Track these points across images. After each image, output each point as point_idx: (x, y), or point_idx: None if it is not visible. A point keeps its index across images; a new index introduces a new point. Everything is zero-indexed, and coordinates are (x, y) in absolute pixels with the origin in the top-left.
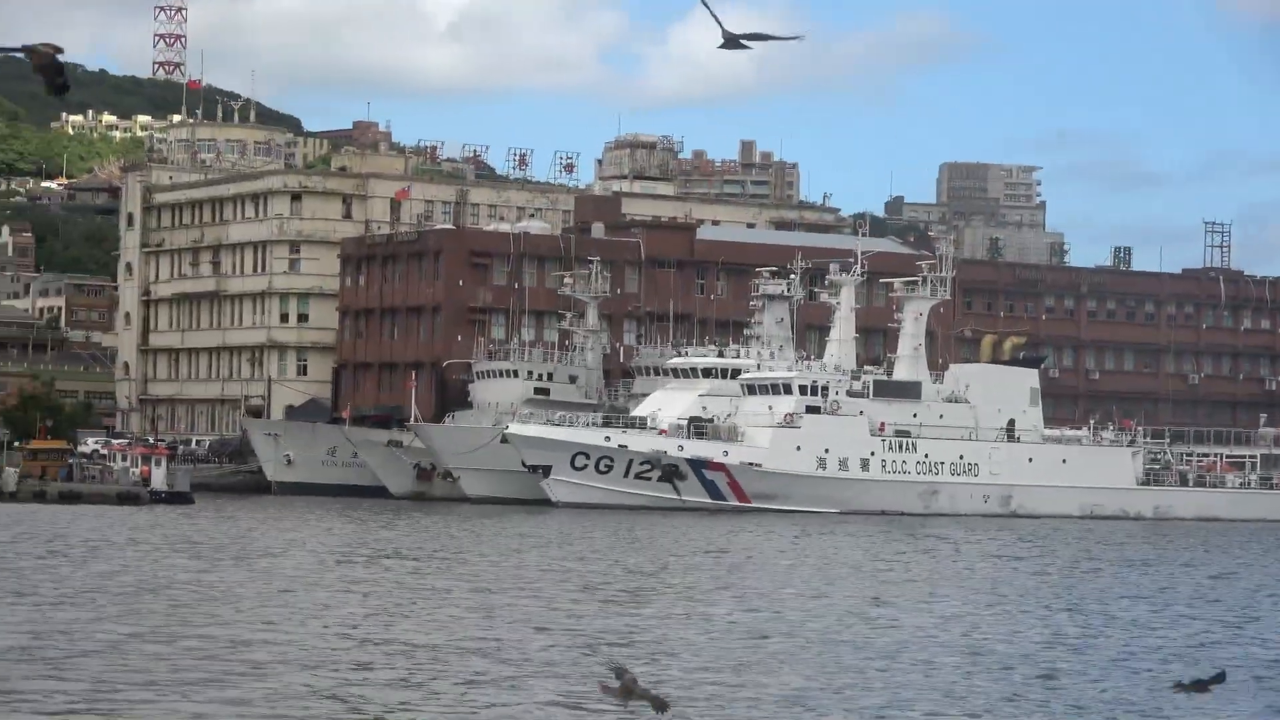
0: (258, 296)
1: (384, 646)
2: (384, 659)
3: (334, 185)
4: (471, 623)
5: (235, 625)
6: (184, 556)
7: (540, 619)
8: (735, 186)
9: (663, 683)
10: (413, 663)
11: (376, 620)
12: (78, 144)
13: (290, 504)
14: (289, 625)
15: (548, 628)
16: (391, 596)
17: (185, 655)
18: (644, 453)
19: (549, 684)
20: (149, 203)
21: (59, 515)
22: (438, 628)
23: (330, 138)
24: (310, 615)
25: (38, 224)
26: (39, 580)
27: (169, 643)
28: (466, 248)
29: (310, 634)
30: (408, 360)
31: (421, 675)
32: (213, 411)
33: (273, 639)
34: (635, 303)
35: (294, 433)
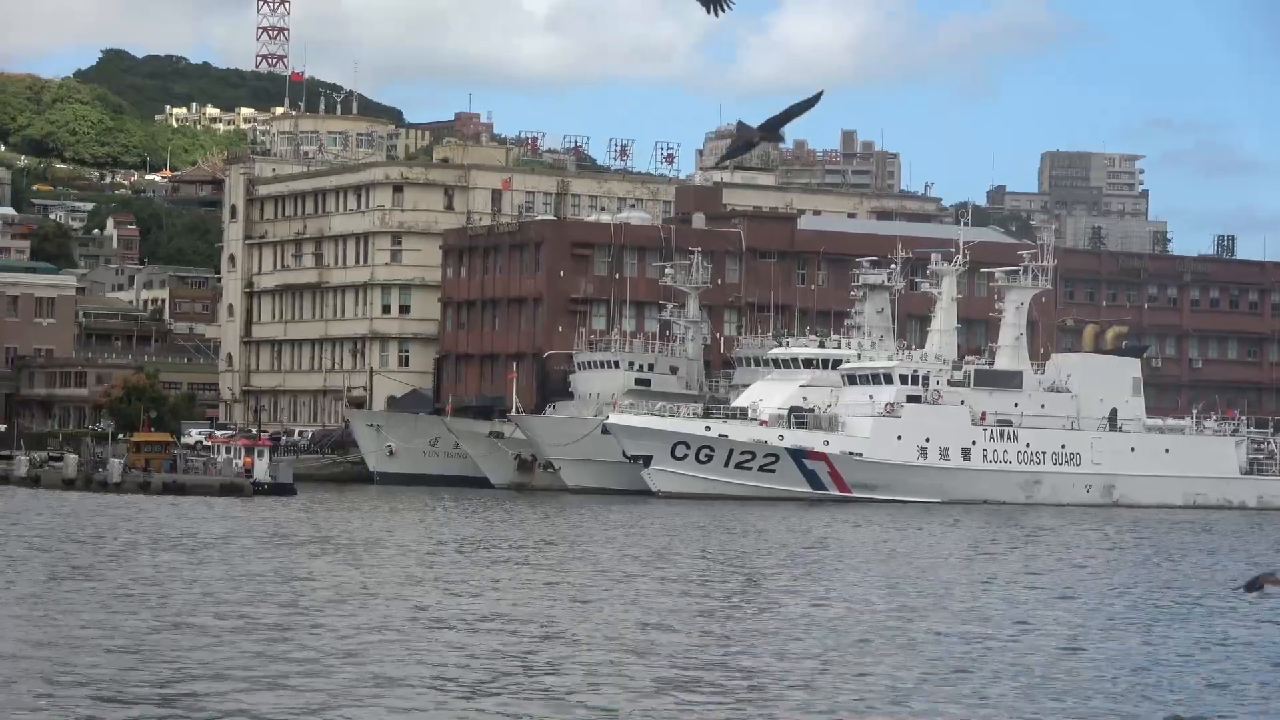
0: (360, 288)
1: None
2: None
3: (436, 177)
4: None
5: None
6: (326, 553)
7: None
8: (836, 176)
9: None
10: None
11: (579, 615)
12: (181, 137)
13: (394, 495)
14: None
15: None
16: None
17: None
18: (744, 442)
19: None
20: (252, 195)
21: (171, 507)
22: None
23: (432, 129)
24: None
25: (142, 217)
26: (217, 579)
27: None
28: (568, 238)
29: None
30: (509, 351)
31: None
32: (315, 403)
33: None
34: (736, 293)
35: (396, 423)
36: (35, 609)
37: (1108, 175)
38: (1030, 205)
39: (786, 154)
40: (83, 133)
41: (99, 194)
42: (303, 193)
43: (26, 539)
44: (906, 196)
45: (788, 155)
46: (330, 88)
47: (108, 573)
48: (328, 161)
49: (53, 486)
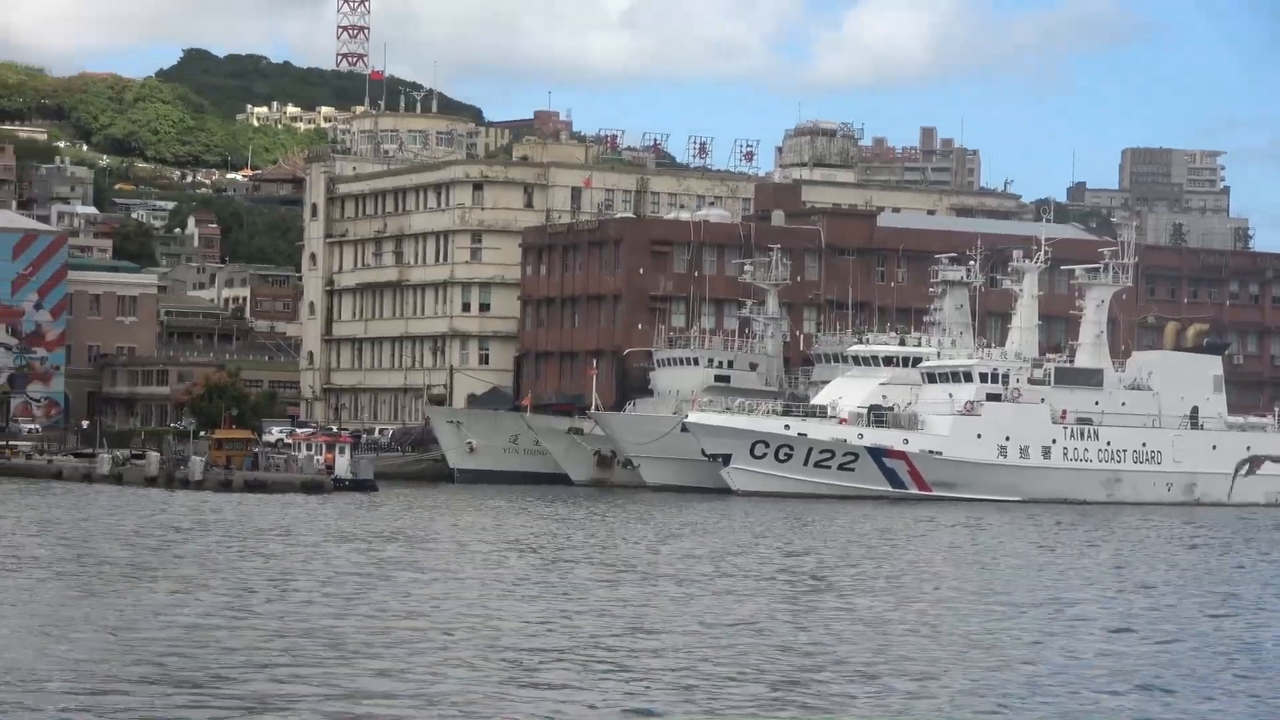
0: (440, 286)
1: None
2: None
3: (515, 175)
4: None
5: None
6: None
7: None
8: (916, 173)
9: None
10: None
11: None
12: (262, 136)
13: (478, 492)
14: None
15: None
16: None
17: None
18: (824, 441)
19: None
20: (332, 193)
21: (255, 503)
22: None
23: (511, 127)
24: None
25: (223, 215)
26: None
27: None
28: (647, 236)
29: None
30: (588, 348)
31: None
32: (395, 400)
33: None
34: (815, 290)
35: (476, 420)
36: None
37: (1188, 171)
38: (1111, 202)
39: (866, 151)
40: (164, 132)
41: (180, 193)
42: (383, 191)
43: (120, 536)
44: (986, 193)
45: (867, 152)
46: (410, 86)
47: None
48: (408, 160)
49: (135, 484)
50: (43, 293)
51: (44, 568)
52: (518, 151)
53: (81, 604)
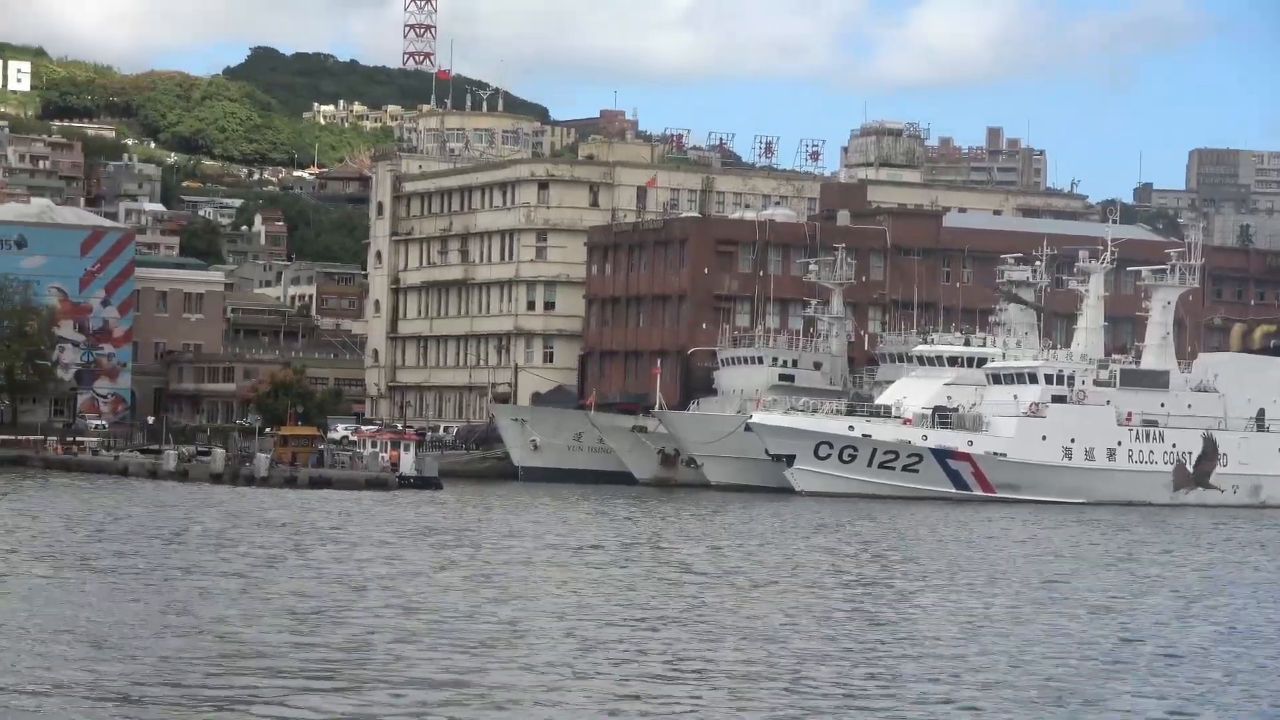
0: (505, 284)
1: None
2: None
3: (581, 174)
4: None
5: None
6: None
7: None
8: (982, 173)
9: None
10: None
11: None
12: (329, 134)
13: (543, 490)
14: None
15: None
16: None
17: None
18: (888, 442)
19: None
20: (399, 191)
21: (326, 501)
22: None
23: (577, 126)
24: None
25: (290, 213)
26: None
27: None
28: (712, 235)
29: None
30: (653, 347)
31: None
32: (460, 398)
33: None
34: (880, 290)
35: (541, 418)
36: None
37: (1256, 172)
38: (1178, 203)
39: (932, 151)
40: (231, 130)
41: (247, 191)
42: (449, 189)
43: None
44: (1052, 194)
45: (933, 152)
46: (476, 85)
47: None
48: (474, 158)
49: (200, 480)
50: (110, 289)
51: (134, 566)
52: (583, 150)
53: (158, 602)
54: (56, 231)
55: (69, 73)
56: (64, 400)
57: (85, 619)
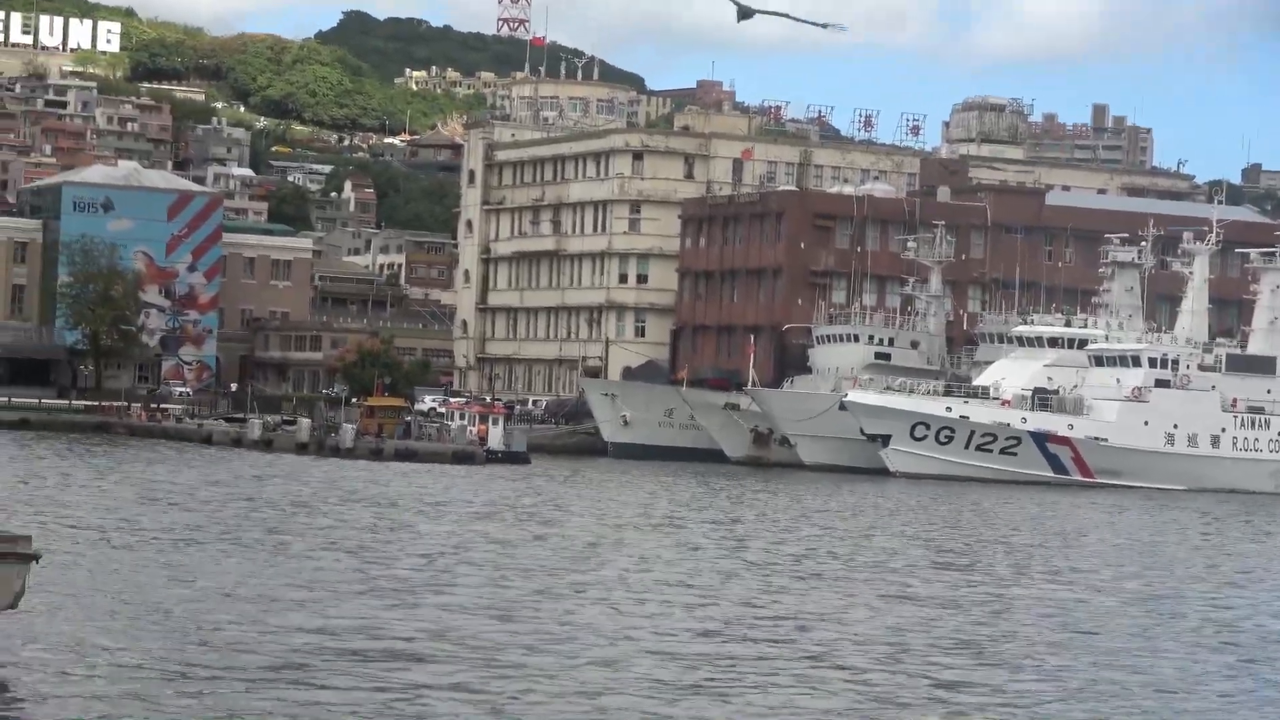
0: (597, 256)
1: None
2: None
3: (676, 145)
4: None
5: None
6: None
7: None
8: (1086, 151)
9: None
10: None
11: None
12: (421, 100)
13: (633, 467)
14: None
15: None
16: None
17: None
18: (986, 424)
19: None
20: (490, 160)
21: (411, 474)
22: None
23: (673, 96)
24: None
25: (380, 180)
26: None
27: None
28: (809, 210)
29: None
30: (747, 323)
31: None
32: (549, 372)
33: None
34: (980, 269)
35: (631, 394)
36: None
37: None
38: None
39: (1035, 127)
40: (322, 94)
41: (337, 156)
42: (542, 159)
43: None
44: (1158, 173)
45: (1036, 129)
46: (571, 53)
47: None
48: (567, 128)
49: (285, 450)
50: (197, 254)
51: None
52: (679, 121)
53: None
54: (143, 195)
55: (159, 34)
56: (148, 366)
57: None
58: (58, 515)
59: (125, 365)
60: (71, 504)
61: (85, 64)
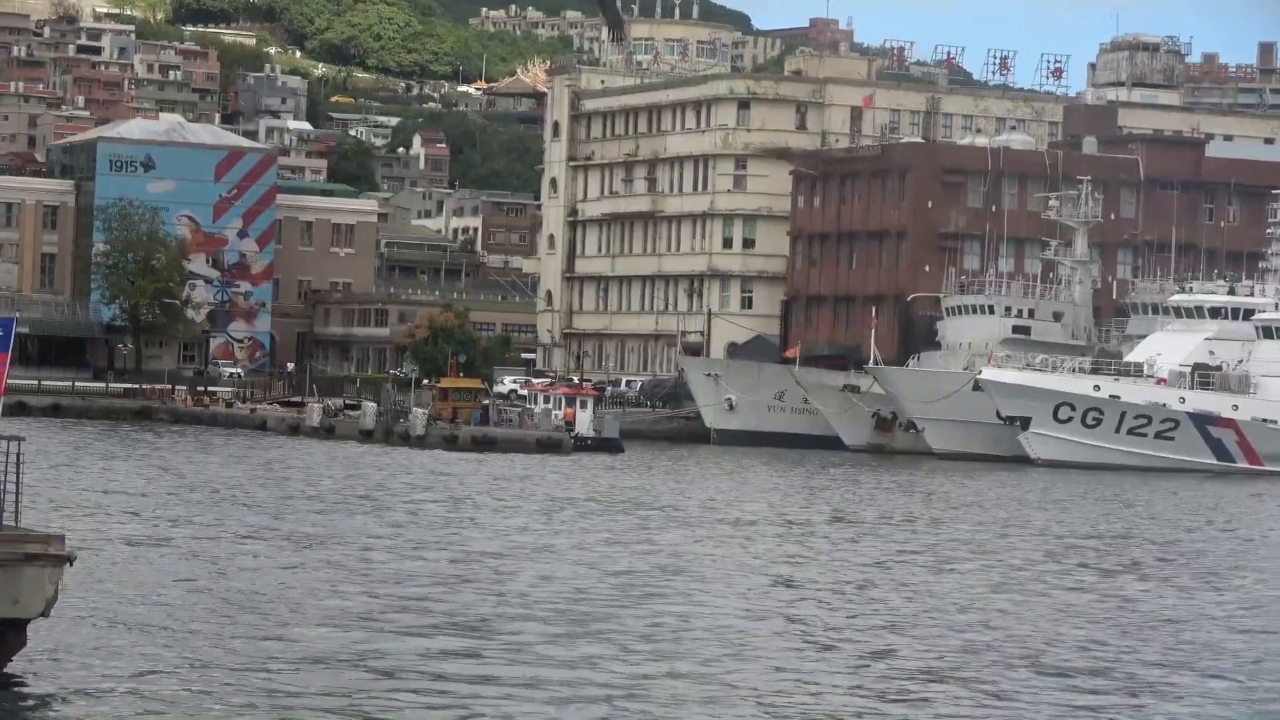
0: (698, 218)
1: None
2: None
3: (787, 91)
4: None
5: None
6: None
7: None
8: (1252, 96)
9: None
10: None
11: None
12: (499, 43)
13: (739, 455)
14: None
15: None
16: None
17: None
18: (1138, 405)
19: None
20: (577, 110)
21: (490, 463)
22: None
23: (783, 37)
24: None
25: (453, 134)
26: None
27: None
28: (937, 164)
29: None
30: (867, 293)
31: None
32: (645, 349)
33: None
34: (1131, 229)
35: (737, 373)
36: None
37: None
38: None
39: (1194, 69)
40: (388, 38)
41: (405, 108)
42: (635, 109)
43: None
44: None
45: (1195, 71)
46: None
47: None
48: (664, 73)
49: (348, 438)
50: (248, 219)
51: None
52: (790, 65)
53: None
54: (188, 152)
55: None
56: (194, 345)
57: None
58: (94, 512)
59: (168, 344)
60: (109, 500)
61: (122, 5)
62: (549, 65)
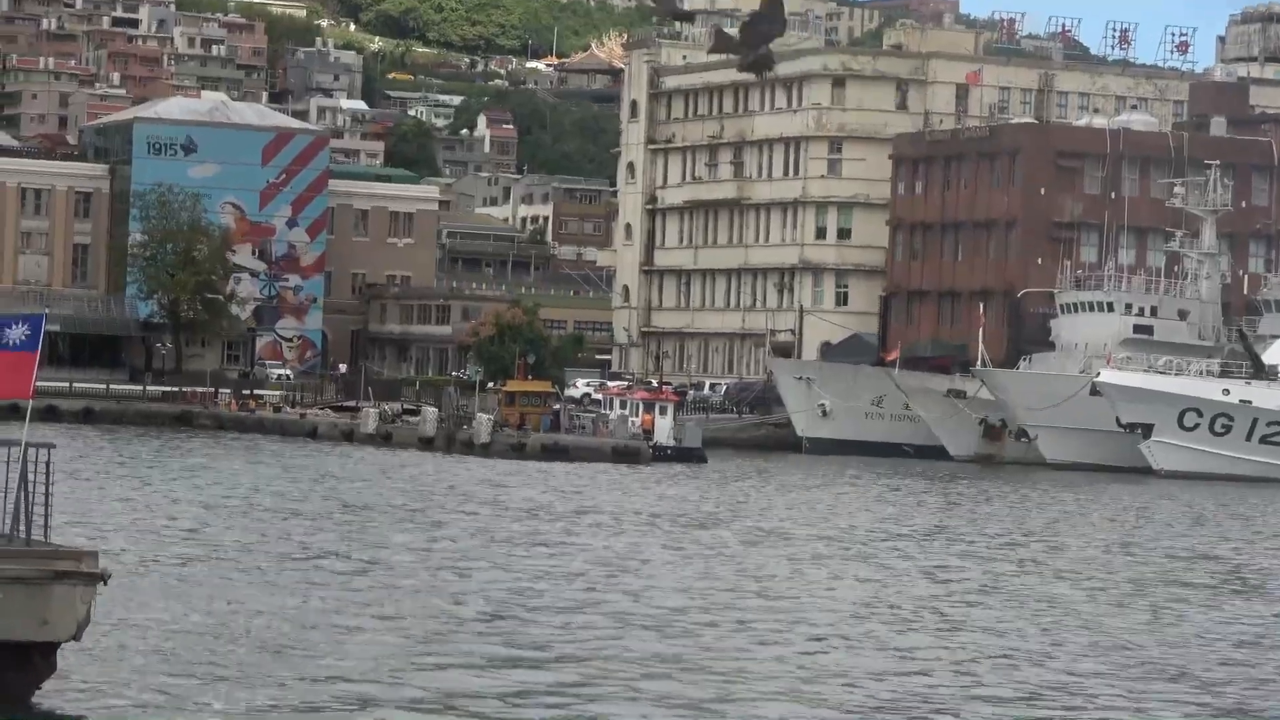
0: (788, 206)
1: None
2: None
3: (886, 68)
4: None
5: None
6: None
7: None
8: None
9: None
10: None
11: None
12: (571, 15)
13: (833, 466)
14: None
15: None
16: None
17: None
18: (1273, 411)
19: None
20: (657, 88)
21: (561, 474)
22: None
23: (881, 8)
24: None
25: (521, 114)
26: None
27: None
28: (1051, 147)
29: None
30: (973, 288)
31: None
32: (730, 349)
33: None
34: (1264, 219)
35: (831, 377)
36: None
37: None
38: None
39: None
40: (450, 9)
41: (469, 85)
42: (720, 86)
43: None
44: None
45: None
46: None
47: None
48: None
49: (407, 446)
50: (297, 207)
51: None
52: (889, 39)
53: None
54: (232, 133)
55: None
56: (239, 344)
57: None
58: (129, 527)
59: (211, 343)
60: (145, 513)
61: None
62: (626, 39)
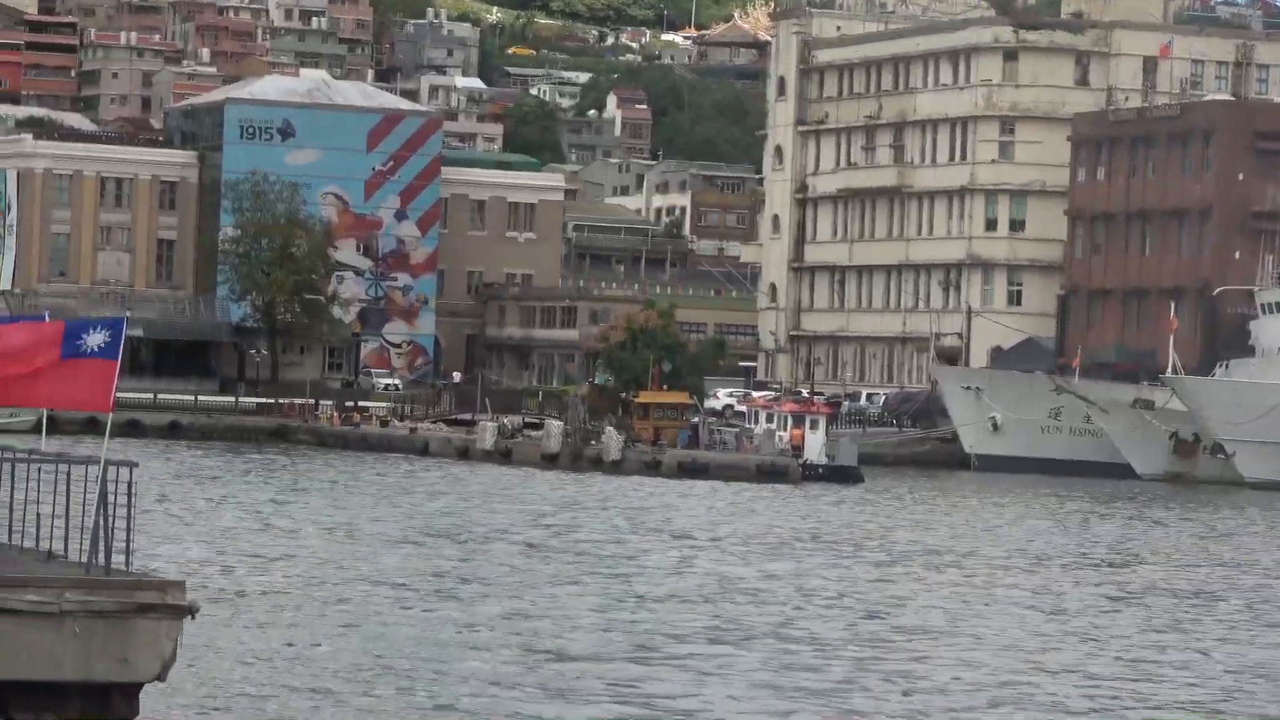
0: (955, 194)
1: None
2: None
3: (1064, 40)
4: None
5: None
6: None
7: None
8: None
9: None
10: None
11: None
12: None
13: (1007, 486)
14: None
15: None
16: None
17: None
18: None
19: None
20: (808, 64)
21: (701, 494)
22: None
23: None
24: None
25: (656, 93)
26: None
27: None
28: (1250, 128)
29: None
30: (1164, 285)
31: None
32: (890, 354)
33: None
34: None
35: (1003, 386)
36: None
37: None
38: None
39: None
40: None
41: (597, 61)
42: (878, 61)
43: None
44: None
45: None
46: None
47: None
48: (913, 17)
49: (529, 464)
50: (407, 197)
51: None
52: (1067, 7)
53: None
54: (334, 116)
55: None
56: (342, 350)
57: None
58: (217, 553)
59: (311, 349)
60: (238, 540)
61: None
62: (773, 8)
